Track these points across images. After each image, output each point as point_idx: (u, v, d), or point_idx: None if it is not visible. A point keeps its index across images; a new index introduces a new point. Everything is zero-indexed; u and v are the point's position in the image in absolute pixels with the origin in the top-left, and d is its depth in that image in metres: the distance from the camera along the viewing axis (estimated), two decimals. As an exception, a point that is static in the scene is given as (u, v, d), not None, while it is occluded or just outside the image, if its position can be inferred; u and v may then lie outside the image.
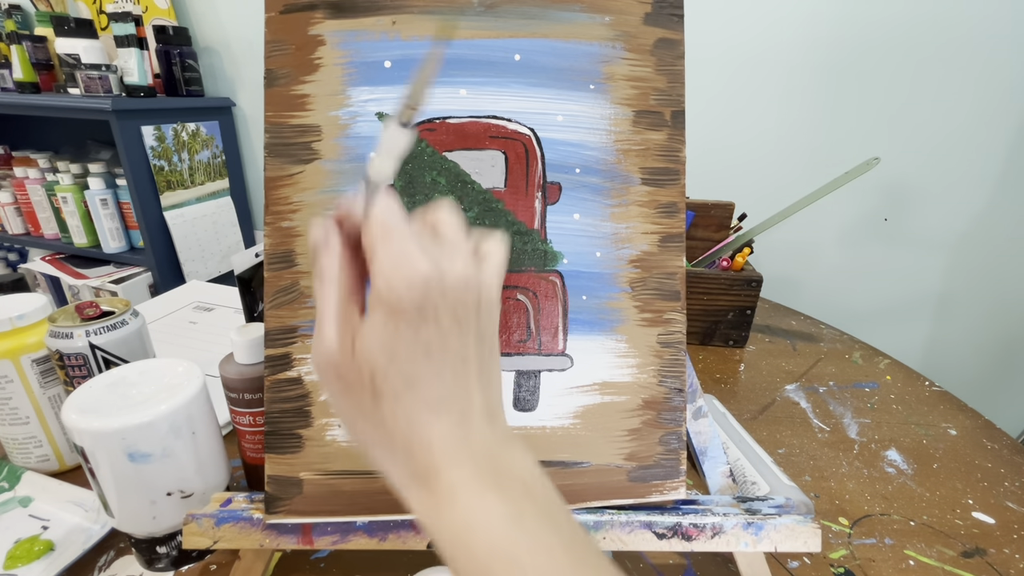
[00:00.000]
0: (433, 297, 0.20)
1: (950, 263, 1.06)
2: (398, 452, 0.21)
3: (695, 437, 0.46)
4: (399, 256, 0.20)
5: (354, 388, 0.21)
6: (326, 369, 0.21)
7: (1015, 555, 0.42)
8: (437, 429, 0.21)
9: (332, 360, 0.21)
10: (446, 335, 0.21)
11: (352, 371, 0.21)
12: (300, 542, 0.33)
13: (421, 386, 0.21)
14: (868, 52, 0.98)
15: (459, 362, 0.21)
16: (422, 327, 0.20)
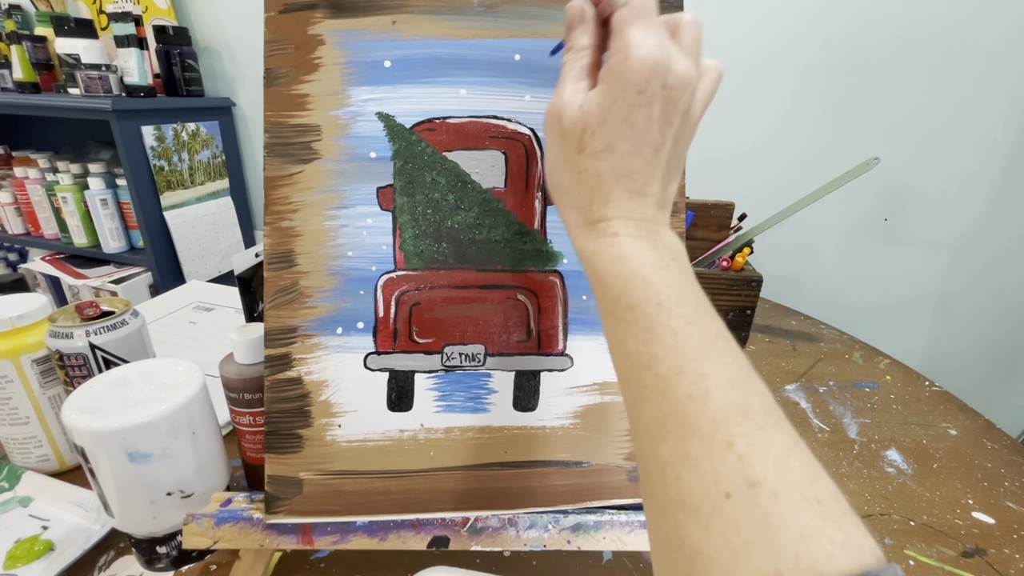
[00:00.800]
0: (654, 84, 0.23)
1: (950, 263, 1.06)
2: (582, 199, 0.25)
3: (695, 437, 0.46)
4: (641, 39, 0.23)
5: (567, 139, 0.25)
6: (552, 119, 0.25)
7: (1015, 555, 0.42)
8: (616, 190, 0.24)
9: (560, 110, 0.25)
10: (652, 122, 0.24)
11: (571, 123, 0.24)
12: (300, 542, 0.33)
13: (617, 154, 0.24)
14: (868, 52, 0.98)
15: (652, 149, 0.24)
16: (636, 107, 0.23)
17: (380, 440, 0.34)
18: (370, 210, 0.34)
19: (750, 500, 0.17)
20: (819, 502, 0.16)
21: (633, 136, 0.24)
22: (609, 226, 0.24)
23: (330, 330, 0.33)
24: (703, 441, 0.18)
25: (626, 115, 0.23)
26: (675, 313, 0.21)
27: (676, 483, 0.18)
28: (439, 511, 0.34)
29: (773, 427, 0.18)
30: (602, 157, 0.24)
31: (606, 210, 0.24)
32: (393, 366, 0.34)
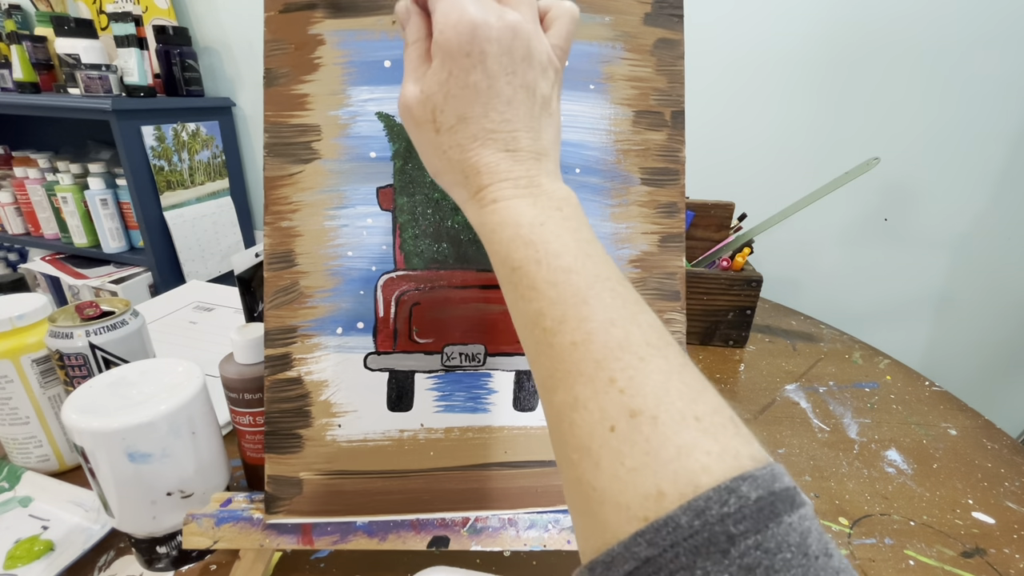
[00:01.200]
0: (479, 43, 0.23)
1: (950, 263, 1.06)
2: (457, 176, 0.25)
3: (695, 437, 0.46)
4: (452, 6, 0.23)
5: (422, 125, 0.25)
6: (404, 112, 0.26)
7: (1015, 555, 0.42)
8: (483, 156, 0.24)
9: (407, 102, 0.25)
10: (493, 79, 0.24)
11: (419, 110, 0.25)
12: (300, 542, 0.33)
13: (470, 121, 0.24)
14: (869, 52, 0.98)
15: (504, 104, 0.24)
16: (471, 71, 0.23)
17: (380, 440, 0.34)
18: (370, 210, 0.34)
19: (632, 429, 0.17)
20: (697, 418, 0.17)
21: (479, 98, 0.24)
22: (487, 194, 0.24)
23: (330, 330, 0.33)
24: (588, 382, 0.19)
25: (464, 81, 0.23)
26: (553, 266, 0.22)
27: (570, 427, 0.19)
28: (439, 511, 0.34)
29: (655, 356, 0.19)
30: (458, 129, 0.24)
31: (480, 179, 0.24)
32: (393, 366, 0.34)
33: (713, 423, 0.17)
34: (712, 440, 0.17)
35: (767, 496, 0.15)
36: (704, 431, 0.17)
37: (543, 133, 0.26)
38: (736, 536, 0.15)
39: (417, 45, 0.25)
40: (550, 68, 0.26)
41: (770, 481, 0.16)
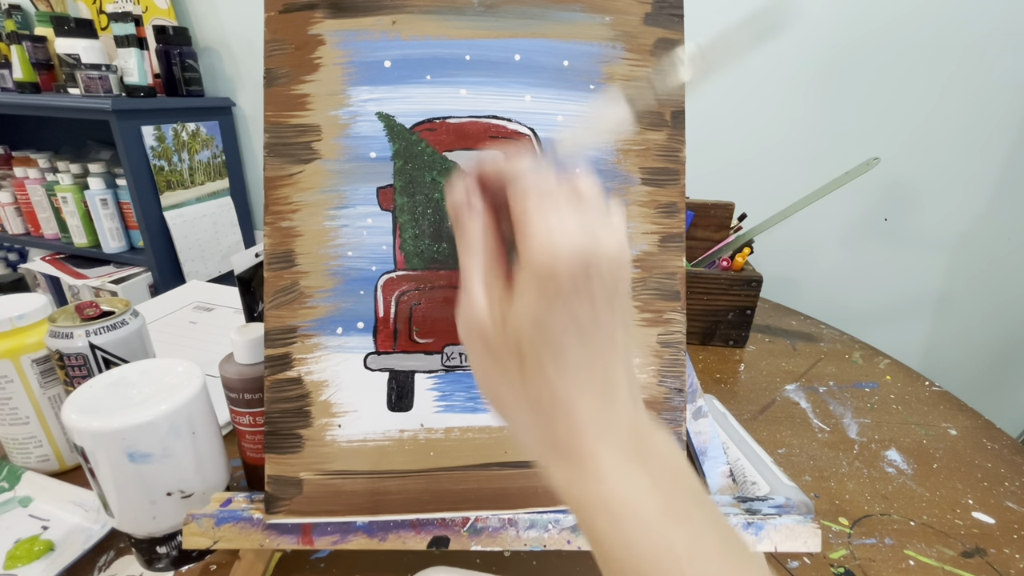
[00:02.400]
0: (588, 270, 0.19)
1: (950, 263, 1.06)
2: (541, 424, 0.21)
3: (695, 437, 0.46)
4: (554, 224, 0.19)
5: (501, 358, 0.21)
6: (474, 337, 0.21)
7: (1015, 555, 0.42)
8: (583, 406, 0.20)
9: (482, 330, 0.21)
10: (598, 311, 0.20)
11: (501, 341, 0.20)
12: (300, 542, 0.33)
13: (569, 362, 0.20)
14: (869, 52, 0.98)
15: (607, 341, 0.20)
16: (574, 301, 0.19)
17: (380, 440, 0.34)
18: (370, 210, 0.34)
19: None
20: None
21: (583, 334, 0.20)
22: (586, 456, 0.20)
23: (330, 330, 0.33)
24: None
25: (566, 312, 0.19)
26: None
27: None
28: (439, 511, 0.33)
29: None
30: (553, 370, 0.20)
31: (577, 434, 0.20)
32: (393, 366, 0.34)
33: None
34: None
35: None
36: None
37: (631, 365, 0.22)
38: None
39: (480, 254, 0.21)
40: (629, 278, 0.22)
41: None
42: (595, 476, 0.19)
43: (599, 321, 0.20)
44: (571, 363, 0.20)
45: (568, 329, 0.20)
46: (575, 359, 0.20)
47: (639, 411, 0.21)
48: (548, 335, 0.20)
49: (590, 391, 0.20)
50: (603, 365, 0.20)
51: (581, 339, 0.20)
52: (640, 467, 0.19)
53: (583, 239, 0.19)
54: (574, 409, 0.20)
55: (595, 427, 0.20)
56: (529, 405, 0.21)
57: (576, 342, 0.20)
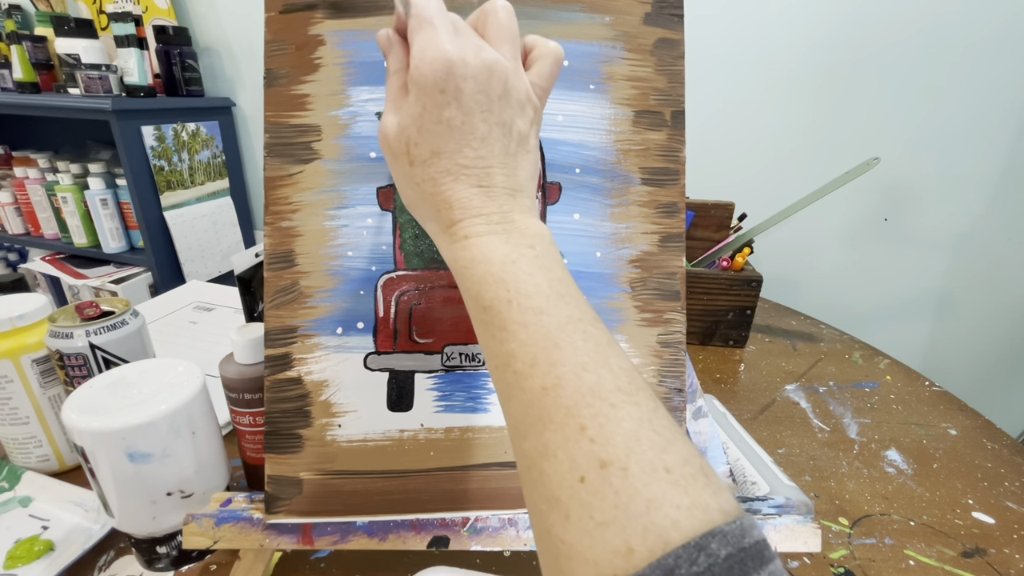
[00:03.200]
0: (455, 80, 0.23)
1: (950, 263, 1.06)
2: (429, 210, 0.25)
3: (695, 437, 0.46)
4: (428, 42, 0.23)
5: (398, 157, 0.25)
6: (382, 141, 0.26)
7: (1015, 555, 0.42)
8: (456, 191, 0.24)
9: (384, 132, 0.25)
10: (468, 115, 0.24)
11: (395, 141, 0.25)
12: (300, 542, 0.33)
13: (443, 156, 0.24)
14: (869, 52, 0.98)
15: (478, 141, 0.24)
16: (445, 107, 0.23)
17: (380, 440, 0.34)
18: (370, 210, 0.34)
19: (602, 481, 0.17)
20: (667, 470, 0.17)
21: (452, 134, 0.24)
22: (459, 229, 0.24)
23: (330, 330, 0.33)
24: (558, 429, 0.19)
25: (438, 116, 0.24)
26: (525, 306, 0.21)
27: (540, 476, 0.19)
28: (439, 511, 0.33)
29: (626, 402, 0.19)
30: (431, 163, 0.24)
31: (452, 213, 0.24)
32: (393, 366, 0.34)
33: (684, 474, 0.17)
34: (682, 493, 0.17)
35: (736, 553, 0.15)
36: (674, 483, 0.17)
37: (519, 170, 0.25)
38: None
39: (398, 75, 0.25)
40: (528, 106, 0.26)
41: (739, 537, 0.16)
42: (461, 239, 0.24)
43: (473, 125, 0.24)
44: (444, 158, 0.24)
45: (439, 129, 0.24)
46: (447, 155, 0.24)
47: (517, 204, 0.25)
48: (427, 138, 0.24)
49: (465, 184, 0.24)
50: (475, 161, 0.24)
51: (452, 139, 0.24)
52: (499, 236, 0.24)
53: (451, 52, 0.23)
54: (450, 196, 0.24)
55: (466, 209, 0.24)
56: (419, 195, 0.25)
57: (448, 141, 0.24)
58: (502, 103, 0.24)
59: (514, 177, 0.25)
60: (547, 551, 0.18)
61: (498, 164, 0.25)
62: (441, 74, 0.23)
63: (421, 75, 0.23)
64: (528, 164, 0.26)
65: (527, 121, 0.26)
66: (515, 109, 0.25)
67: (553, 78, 0.27)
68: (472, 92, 0.23)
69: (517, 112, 0.25)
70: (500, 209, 0.24)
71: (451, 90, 0.23)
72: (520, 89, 0.25)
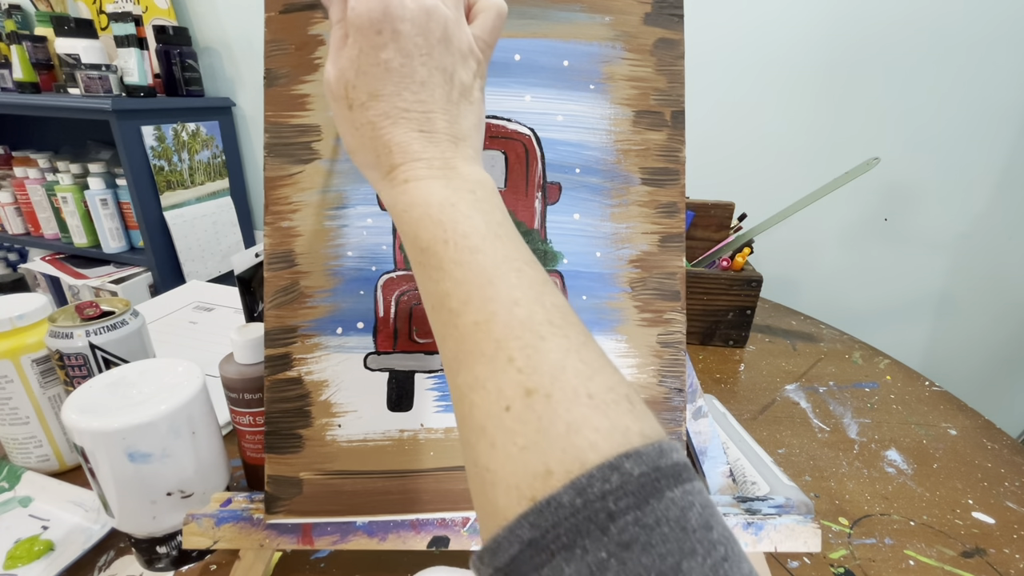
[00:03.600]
0: (391, 20, 0.23)
1: (951, 263, 1.06)
2: (369, 154, 0.25)
3: (695, 437, 0.46)
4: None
5: (338, 101, 0.25)
6: (325, 88, 0.25)
7: (1015, 555, 0.42)
8: (395, 135, 0.24)
9: (326, 79, 0.25)
10: (407, 57, 0.23)
11: (336, 86, 0.25)
12: (300, 542, 0.33)
13: (382, 99, 0.24)
14: (869, 52, 0.98)
15: (418, 85, 0.24)
16: (382, 48, 0.23)
17: (380, 440, 0.34)
18: (370, 210, 0.34)
19: (526, 408, 0.17)
20: (590, 396, 0.17)
21: (391, 76, 0.23)
22: (400, 173, 0.24)
23: (330, 330, 0.33)
24: (488, 362, 0.19)
25: (375, 58, 0.23)
26: (461, 245, 0.21)
27: (470, 408, 0.19)
28: (439, 511, 0.34)
29: (555, 335, 0.19)
30: (370, 106, 0.24)
31: (392, 158, 0.24)
32: (393, 366, 0.34)
33: (606, 400, 0.17)
34: (602, 417, 0.17)
35: (651, 472, 0.16)
36: (595, 408, 0.17)
37: (462, 118, 0.25)
38: (616, 513, 0.15)
39: (340, 25, 0.25)
40: (471, 58, 0.25)
41: (656, 457, 0.16)
42: (401, 183, 0.23)
43: (408, 67, 0.23)
44: (383, 101, 0.24)
45: (377, 71, 0.23)
46: (386, 98, 0.24)
47: (459, 152, 0.24)
48: (365, 80, 0.24)
49: (404, 127, 0.24)
50: (414, 104, 0.24)
51: (390, 81, 0.23)
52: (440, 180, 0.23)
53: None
54: (390, 140, 0.24)
55: (406, 153, 0.24)
56: (359, 140, 0.25)
57: (386, 83, 0.23)
58: (442, 48, 0.24)
59: (456, 125, 0.25)
60: (475, 480, 0.19)
61: (439, 110, 0.24)
62: (377, 14, 0.23)
63: (357, 15, 0.23)
64: (471, 115, 0.26)
65: (470, 73, 0.25)
66: (456, 58, 0.25)
67: (496, 31, 0.27)
68: (410, 34, 0.23)
69: (459, 61, 0.25)
70: (442, 155, 0.24)
71: (388, 31, 0.23)
72: (462, 39, 0.25)
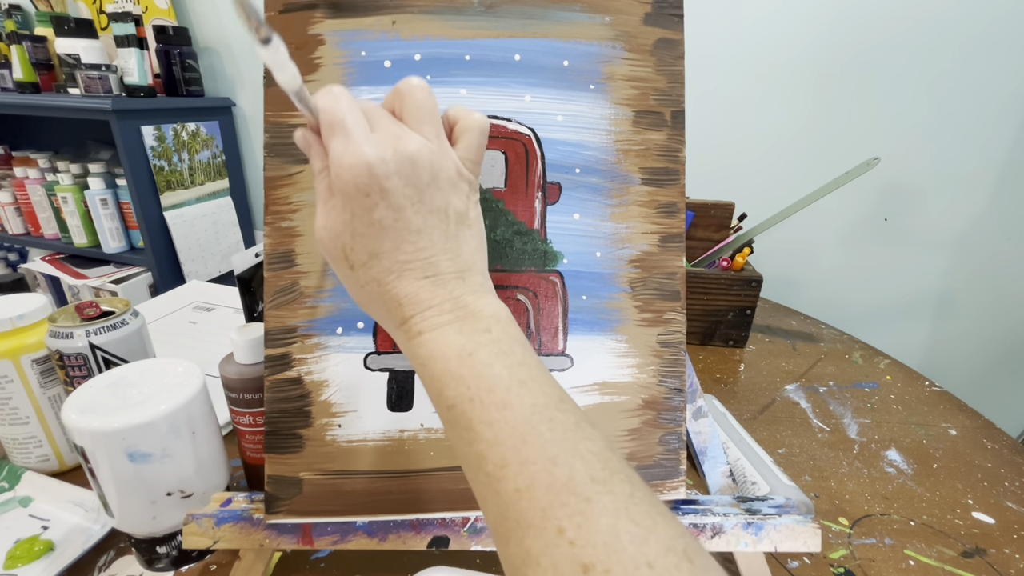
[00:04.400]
0: (378, 181, 0.22)
1: (950, 263, 1.06)
2: (379, 308, 0.25)
3: (695, 437, 0.46)
4: (344, 147, 0.22)
5: (337, 262, 0.25)
6: (319, 245, 0.25)
7: (1015, 555, 0.42)
8: (402, 287, 0.24)
9: (319, 237, 0.25)
10: (400, 211, 0.23)
11: (332, 248, 0.24)
12: (300, 542, 0.33)
13: (382, 256, 0.24)
14: (868, 52, 0.98)
15: (414, 234, 0.24)
16: (373, 208, 0.23)
17: (380, 440, 0.34)
18: (370, 210, 0.33)
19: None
20: (650, 565, 0.17)
21: (387, 234, 0.23)
22: (412, 325, 0.23)
23: (330, 330, 0.33)
24: (538, 534, 0.18)
25: (368, 219, 0.23)
26: (487, 402, 0.21)
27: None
28: (439, 511, 0.34)
29: (601, 493, 0.18)
30: (371, 265, 0.24)
31: (403, 310, 0.24)
32: (393, 366, 0.34)
33: (666, 566, 0.17)
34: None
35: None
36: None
37: (463, 248, 0.25)
38: None
39: (322, 176, 0.24)
40: (461, 182, 0.25)
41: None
42: (416, 335, 0.23)
43: (406, 220, 0.23)
44: (384, 258, 0.24)
45: (372, 231, 0.23)
46: (386, 254, 0.23)
47: (467, 286, 0.24)
48: (362, 241, 0.23)
49: (409, 279, 0.24)
50: (415, 254, 0.24)
51: (387, 238, 0.23)
52: (453, 325, 0.23)
53: (370, 155, 0.22)
54: (397, 293, 0.24)
55: (415, 304, 0.23)
56: (367, 296, 0.25)
57: (383, 241, 0.23)
58: (432, 190, 0.24)
59: (460, 258, 0.25)
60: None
61: (440, 251, 0.24)
62: (363, 179, 0.22)
63: (343, 183, 0.22)
64: (472, 239, 0.25)
65: (463, 197, 0.25)
66: (447, 190, 0.24)
67: (481, 149, 0.26)
68: (399, 188, 0.23)
69: (450, 192, 0.24)
70: (451, 295, 0.24)
71: (376, 191, 0.22)
72: (448, 168, 0.24)
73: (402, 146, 0.23)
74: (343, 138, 0.22)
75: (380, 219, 0.23)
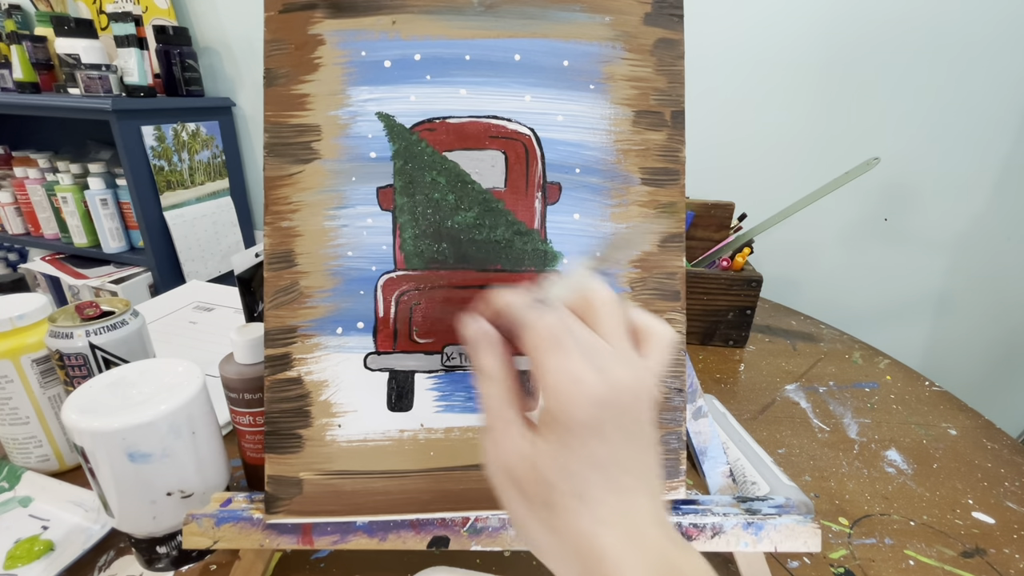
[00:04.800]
0: (604, 414, 0.20)
1: (950, 263, 1.06)
2: (570, 559, 0.21)
3: (695, 437, 0.46)
4: (570, 375, 0.20)
5: (530, 497, 0.22)
6: (504, 477, 0.22)
7: (1015, 555, 0.42)
8: (609, 541, 0.20)
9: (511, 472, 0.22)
10: (616, 449, 0.21)
11: (529, 484, 0.21)
12: (300, 542, 0.33)
13: (592, 501, 0.21)
14: (869, 52, 0.98)
15: (630, 477, 0.21)
16: (593, 444, 0.21)
17: (380, 440, 0.34)
18: (370, 210, 0.34)
19: None
20: None
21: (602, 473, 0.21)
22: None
23: (330, 330, 0.33)
24: None
25: (586, 455, 0.21)
26: None
27: None
28: (439, 511, 0.34)
29: None
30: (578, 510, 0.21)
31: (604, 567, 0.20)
32: (393, 366, 0.34)
33: None
34: None
35: None
36: None
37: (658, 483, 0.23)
38: None
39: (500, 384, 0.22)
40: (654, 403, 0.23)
41: None
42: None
43: (619, 459, 0.21)
44: (593, 503, 0.21)
45: (586, 471, 0.21)
46: (597, 499, 0.21)
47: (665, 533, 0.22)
48: (570, 479, 0.21)
49: (615, 528, 0.21)
50: (627, 501, 0.21)
51: (601, 479, 0.21)
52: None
53: (599, 388, 0.20)
54: (600, 546, 0.20)
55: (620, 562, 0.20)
56: (559, 542, 0.21)
57: (596, 483, 0.21)
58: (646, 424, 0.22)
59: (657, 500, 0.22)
60: None
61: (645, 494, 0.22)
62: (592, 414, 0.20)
63: (569, 418, 0.20)
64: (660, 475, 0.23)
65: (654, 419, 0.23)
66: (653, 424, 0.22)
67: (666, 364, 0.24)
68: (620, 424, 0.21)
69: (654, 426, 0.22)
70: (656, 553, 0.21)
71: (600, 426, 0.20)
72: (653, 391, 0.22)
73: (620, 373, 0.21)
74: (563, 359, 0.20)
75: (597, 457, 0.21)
